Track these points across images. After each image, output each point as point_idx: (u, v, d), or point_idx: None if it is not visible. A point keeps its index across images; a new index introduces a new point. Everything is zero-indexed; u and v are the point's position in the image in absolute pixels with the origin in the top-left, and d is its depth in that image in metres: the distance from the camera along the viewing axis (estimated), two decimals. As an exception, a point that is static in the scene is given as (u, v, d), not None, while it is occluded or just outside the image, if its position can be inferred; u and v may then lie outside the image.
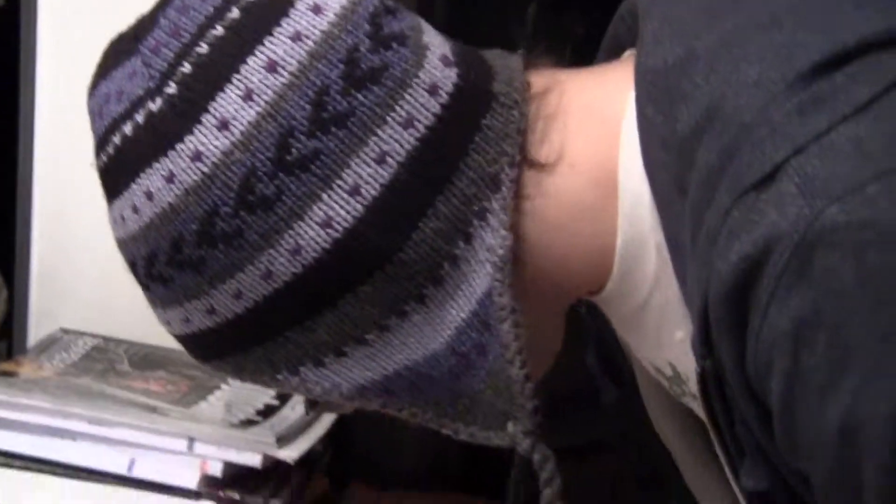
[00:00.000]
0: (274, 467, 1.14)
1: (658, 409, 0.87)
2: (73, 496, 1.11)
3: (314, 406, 0.90)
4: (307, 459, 1.15)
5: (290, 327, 0.67)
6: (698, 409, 0.76)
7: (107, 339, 1.32)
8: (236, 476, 1.12)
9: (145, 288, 0.69)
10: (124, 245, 0.71)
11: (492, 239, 0.68)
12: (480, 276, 0.67)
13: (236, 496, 1.11)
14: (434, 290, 0.67)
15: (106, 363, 1.26)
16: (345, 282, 0.66)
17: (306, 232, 0.65)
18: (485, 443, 0.69)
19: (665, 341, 0.74)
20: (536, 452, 0.67)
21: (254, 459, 1.11)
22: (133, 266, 0.70)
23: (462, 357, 0.67)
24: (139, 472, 1.12)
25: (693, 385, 0.71)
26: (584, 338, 0.88)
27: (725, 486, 0.83)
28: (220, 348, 0.69)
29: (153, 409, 1.16)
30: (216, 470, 1.11)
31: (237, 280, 0.66)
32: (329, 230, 0.65)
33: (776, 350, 0.60)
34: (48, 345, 1.30)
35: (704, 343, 0.66)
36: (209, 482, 1.12)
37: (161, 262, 0.67)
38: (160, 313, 0.70)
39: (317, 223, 0.65)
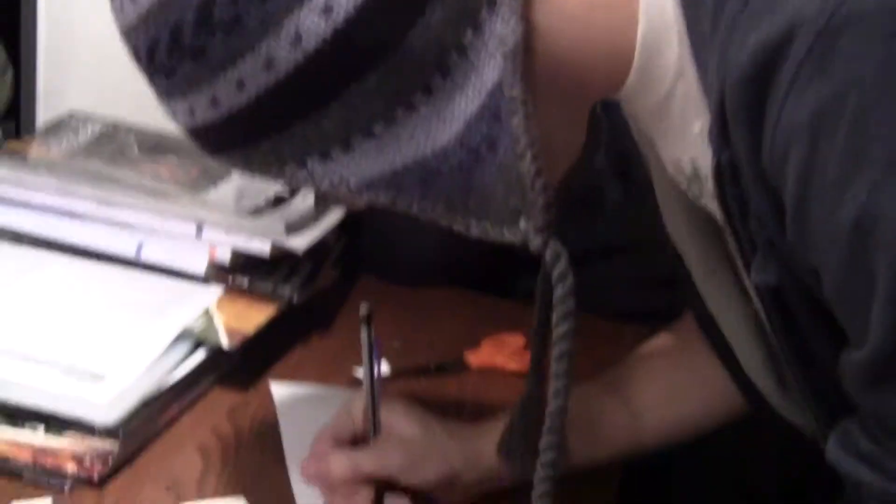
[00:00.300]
0: (283, 256, 1.15)
1: (674, 212, 0.87)
2: (82, 276, 1.13)
3: (324, 200, 0.90)
4: (317, 250, 1.17)
5: (296, 120, 0.66)
6: (715, 209, 0.76)
7: (116, 125, 1.31)
8: (245, 263, 1.13)
9: (149, 79, 0.69)
10: (126, 35, 0.70)
11: (502, 28, 0.66)
12: (490, 68, 0.66)
13: (245, 282, 1.12)
14: (442, 81, 0.65)
15: (115, 148, 1.26)
16: (348, 73, 0.65)
17: (306, 19, 0.64)
18: (497, 239, 0.68)
19: (688, 135, 0.74)
20: (548, 249, 0.67)
21: (262, 247, 1.12)
22: (136, 57, 0.69)
23: (472, 151, 0.66)
24: (147, 256, 1.13)
25: (712, 184, 0.71)
26: (597, 136, 0.87)
27: (736, 289, 0.86)
28: (227, 141, 0.69)
29: (162, 194, 1.16)
30: (224, 256, 1.12)
31: (238, 70, 0.65)
32: (329, 17, 0.64)
33: (793, 141, 0.59)
34: (56, 127, 1.30)
35: (721, 134, 0.65)
36: (217, 268, 1.13)
37: (162, 52, 0.66)
38: (165, 105, 0.69)
39: (317, 10, 0.64)
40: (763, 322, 0.85)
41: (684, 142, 0.74)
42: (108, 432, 0.93)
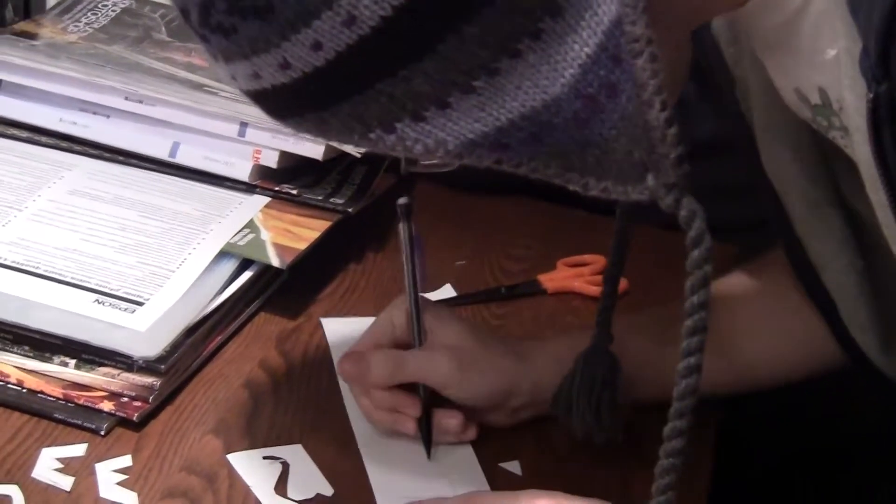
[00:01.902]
0: (336, 160, 1.09)
1: (778, 148, 0.83)
2: (108, 182, 1.07)
3: (414, 164, 0.85)
4: (371, 154, 1.10)
5: (382, 79, 0.60)
6: (847, 144, 0.72)
7: (140, 0, 1.24)
8: (293, 168, 1.08)
9: (202, 39, 0.62)
10: None
11: None
12: (607, 3, 0.60)
13: (293, 191, 1.07)
14: (552, 22, 0.60)
15: (141, 29, 1.20)
16: (446, 21, 0.60)
17: None
18: (621, 198, 0.64)
19: (818, 59, 0.69)
20: (682, 209, 0.62)
21: (315, 150, 1.06)
22: (185, 14, 0.62)
23: (589, 100, 0.61)
24: (183, 158, 1.08)
25: (848, 116, 0.67)
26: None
27: (847, 234, 0.83)
28: (299, 105, 0.63)
29: (199, 87, 1.10)
30: (271, 160, 1.07)
31: (314, 29, 0.59)
32: None
33: None
34: (72, 4, 1.23)
35: (881, 63, 0.60)
36: (263, 174, 1.08)
37: (220, 9, 0.60)
38: (222, 67, 0.64)
39: None
40: (875, 275, 0.84)
41: (812, 66, 0.70)
42: (149, 366, 0.88)
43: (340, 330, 1.00)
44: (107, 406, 0.87)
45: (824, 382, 0.95)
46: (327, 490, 0.84)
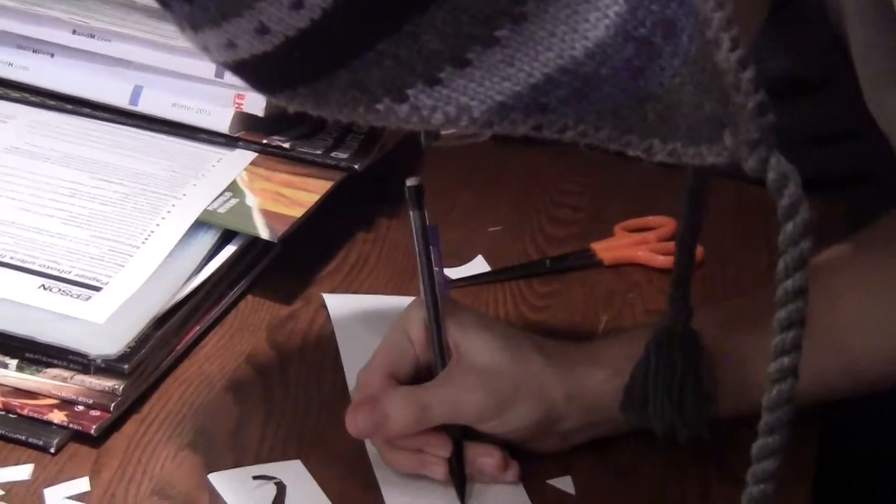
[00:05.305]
0: None
1: (890, 86, 0.81)
2: (53, 133, 1.08)
3: (436, 138, 0.86)
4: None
5: (382, 37, 0.61)
6: None
7: None
8: (284, 116, 1.08)
9: (165, 6, 0.65)
10: None
11: None
12: None
13: (285, 144, 1.08)
14: None
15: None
16: None
17: None
18: (694, 162, 0.64)
19: None
20: (771, 171, 0.61)
21: (311, 94, 1.06)
22: None
23: (642, 42, 0.61)
24: (147, 106, 1.09)
25: None
26: None
27: None
28: (287, 77, 0.64)
29: (164, 17, 1.06)
30: (256, 107, 1.07)
31: None
32: None
33: None
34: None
35: None
36: (247, 123, 1.08)
37: None
38: (192, 38, 0.65)
39: None
40: None
41: None
42: (109, 367, 0.88)
43: (348, 308, 1.00)
44: (57, 417, 0.87)
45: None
46: (333, 516, 0.84)
